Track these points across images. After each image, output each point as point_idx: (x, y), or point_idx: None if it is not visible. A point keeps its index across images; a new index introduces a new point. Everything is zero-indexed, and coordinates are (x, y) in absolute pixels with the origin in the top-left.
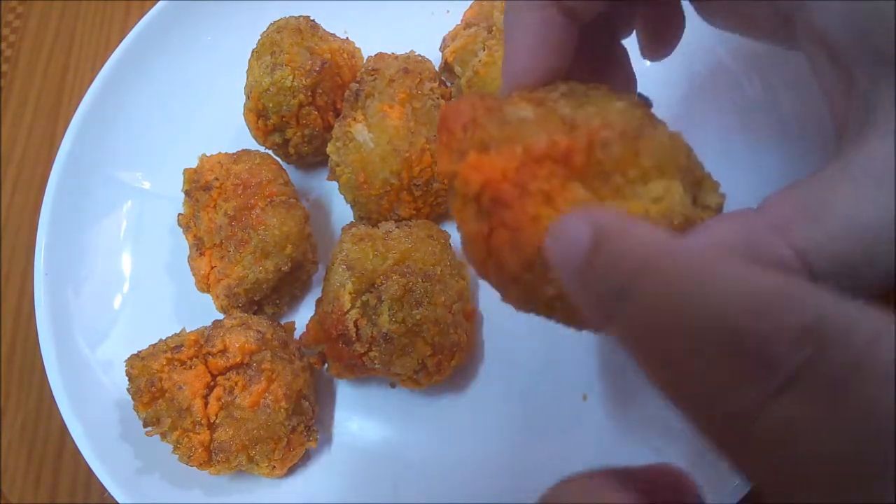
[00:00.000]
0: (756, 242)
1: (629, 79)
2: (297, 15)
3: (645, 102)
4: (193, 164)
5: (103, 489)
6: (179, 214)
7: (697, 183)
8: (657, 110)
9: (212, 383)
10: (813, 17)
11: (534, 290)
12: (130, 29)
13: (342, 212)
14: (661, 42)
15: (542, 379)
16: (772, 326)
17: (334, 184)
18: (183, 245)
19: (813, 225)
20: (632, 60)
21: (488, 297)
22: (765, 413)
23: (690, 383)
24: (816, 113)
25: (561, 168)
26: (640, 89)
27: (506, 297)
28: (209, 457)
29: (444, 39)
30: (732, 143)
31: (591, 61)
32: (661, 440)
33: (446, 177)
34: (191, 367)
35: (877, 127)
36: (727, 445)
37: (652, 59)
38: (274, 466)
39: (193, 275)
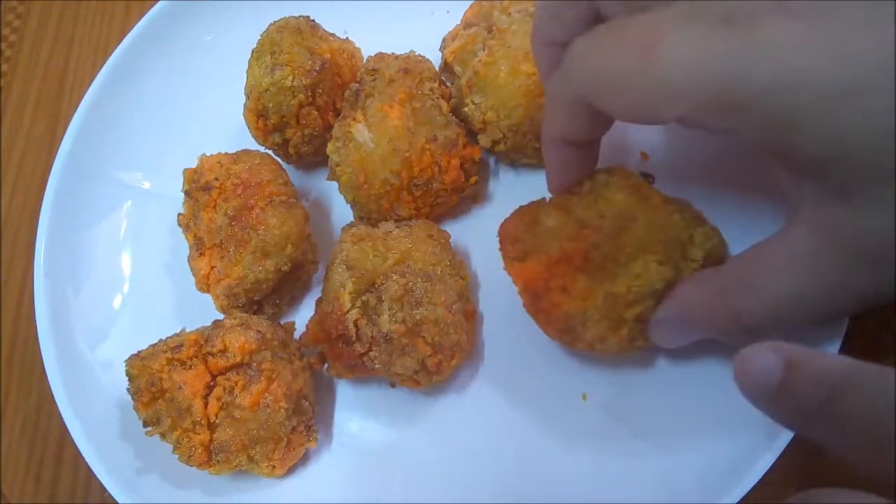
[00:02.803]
0: (709, 305)
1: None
2: (297, 15)
3: (647, 178)
4: (193, 164)
5: (103, 489)
6: (179, 214)
7: (682, 245)
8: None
9: (212, 383)
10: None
11: (571, 344)
12: (130, 29)
13: (342, 212)
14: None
15: (542, 379)
16: None
17: (334, 184)
18: (183, 245)
19: (742, 293)
20: None
21: (488, 297)
22: None
23: None
24: None
25: (571, 266)
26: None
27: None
28: (209, 457)
29: (444, 39)
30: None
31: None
32: (661, 440)
33: (510, 274)
34: (191, 367)
35: (798, 216)
36: None
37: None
38: (274, 466)
39: (193, 275)
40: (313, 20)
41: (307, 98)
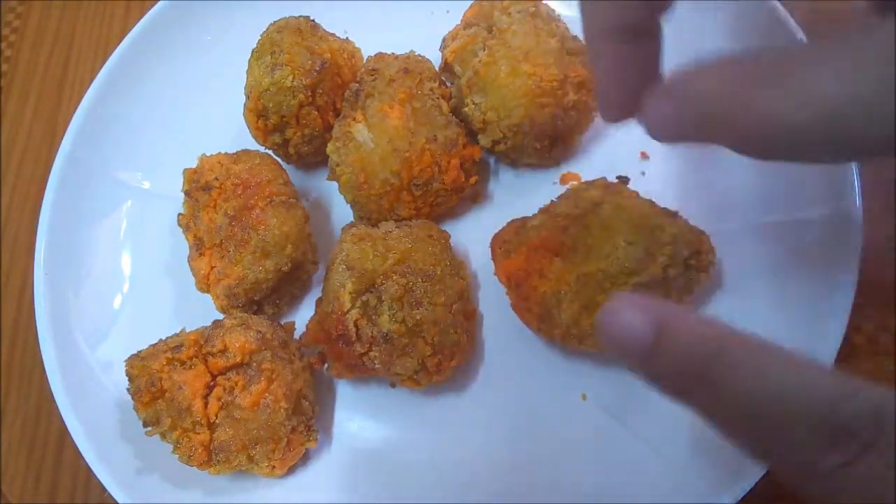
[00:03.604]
0: (730, 95)
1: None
2: (297, 15)
3: (623, 180)
4: (193, 164)
5: (103, 489)
6: (179, 214)
7: (652, 230)
8: None
9: (212, 383)
10: None
11: (549, 333)
12: (130, 29)
13: (342, 212)
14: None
15: (542, 379)
16: (851, 411)
17: (334, 184)
18: (183, 245)
19: (781, 85)
20: None
21: (488, 297)
22: (850, 469)
23: (782, 450)
24: None
25: (548, 252)
26: None
27: (540, 336)
28: (209, 457)
29: (444, 39)
30: None
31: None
32: (660, 440)
33: (499, 277)
34: (191, 367)
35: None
36: (815, 494)
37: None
38: (274, 466)
39: (193, 275)
40: (313, 20)
41: (307, 98)
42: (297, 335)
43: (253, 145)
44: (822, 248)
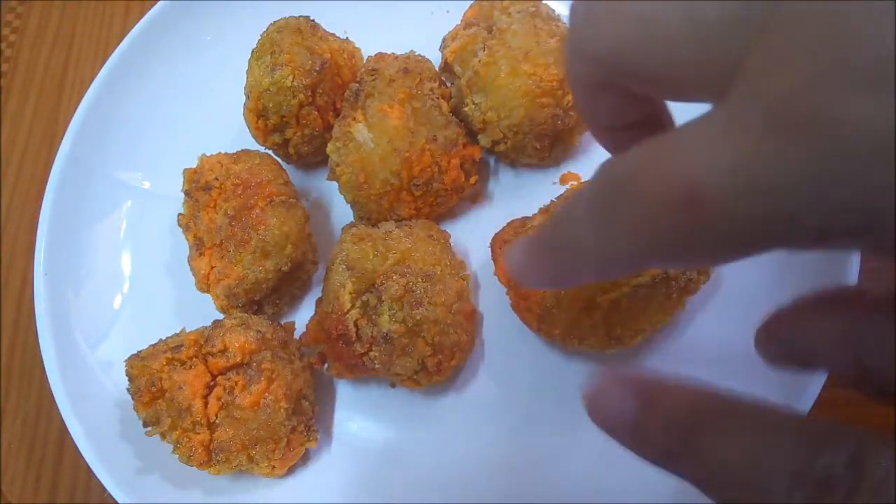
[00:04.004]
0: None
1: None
2: (297, 15)
3: None
4: (193, 164)
5: (103, 489)
6: (179, 214)
7: None
8: None
9: (212, 383)
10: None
11: (549, 333)
12: (130, 29)
13: (342, 212)
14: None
15: (542, 379)
16: (827, 462)
17: (334, 184)
18: (183, 245)
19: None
20: None
21: (488, 297)
22: None
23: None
24: None
25: None
26: None
27: (540, 336)
28: (209, 457)
29: (444, 39)
30: None
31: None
32: None
33: (499, 277)
34: (191, 367)
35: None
36: None
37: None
38: (274, 466)
39: (193, 275)
40: (313, 20)
41: (307, 98)
42: (297, 335)
43: (253, 145)
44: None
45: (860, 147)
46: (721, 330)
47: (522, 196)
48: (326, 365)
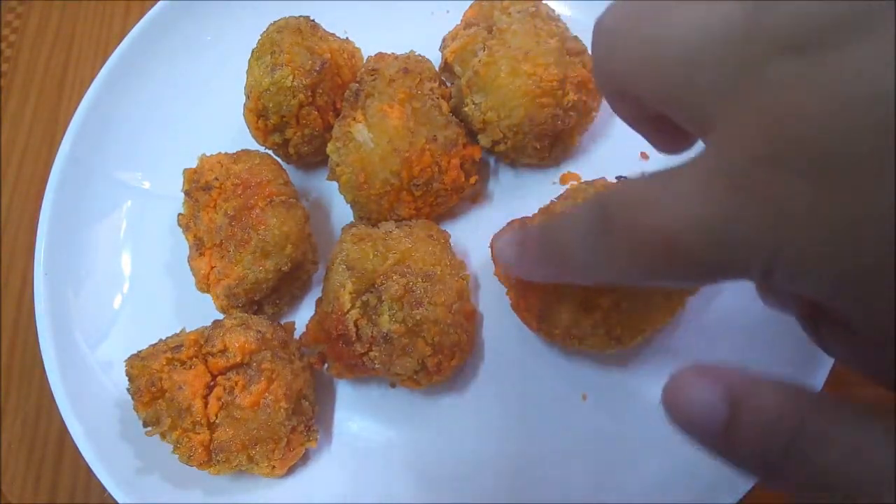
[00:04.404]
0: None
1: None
2: (297, 15)
3: (622, 181)
4: (193, 164)
5: (103, 489)
6: (179, 214)
7: None
8: None
9: (212, 383)
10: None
11: (549, 333)
12: (130, 29)
13: (342, 212)
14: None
15: (542, 379)
16: None
17: (334, 184)
18: (183, 245)
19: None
20: None
21: (488, 297)
22: None
23: None
24: None
25: None
26: None
27: (540, 336)
28: (209, 457)
29: (444, 39)
30: None
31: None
32: (660, 440)
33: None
34: (191, 367)
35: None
36: None
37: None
38: (274, 466)
39: (193, 275)
40: (313, 20)
41: (307, 98)
42: (297, 335)
43: (253, 145)
44: None
45: (799, 222)
46: (721, 330)
47: (522, 196)
48: (326, 365)
